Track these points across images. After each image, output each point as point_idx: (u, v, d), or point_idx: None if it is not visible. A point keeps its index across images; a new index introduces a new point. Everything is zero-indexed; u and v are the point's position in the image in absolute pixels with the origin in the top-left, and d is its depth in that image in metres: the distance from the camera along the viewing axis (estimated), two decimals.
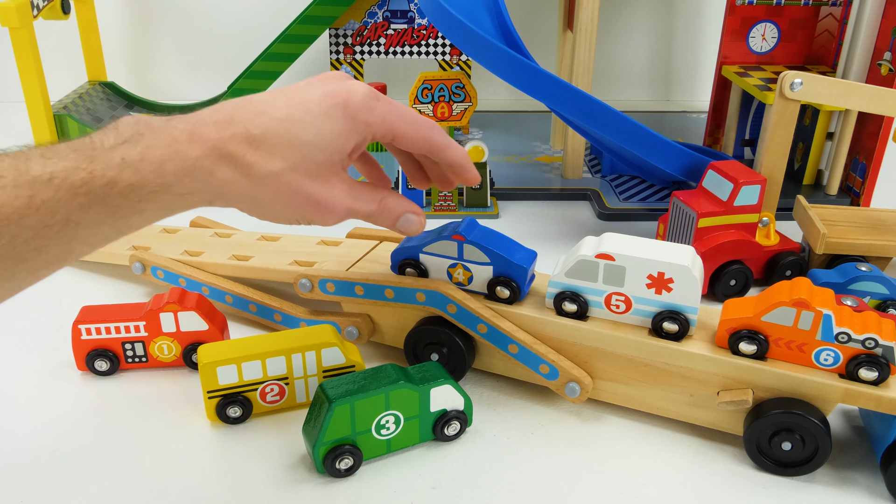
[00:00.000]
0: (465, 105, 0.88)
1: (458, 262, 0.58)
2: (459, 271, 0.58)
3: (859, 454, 0.55)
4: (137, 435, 0.56)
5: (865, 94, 0.72)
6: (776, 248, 0.76)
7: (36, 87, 1.02)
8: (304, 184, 0.45)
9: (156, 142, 0.40)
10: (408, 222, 0.51)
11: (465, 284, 0.59)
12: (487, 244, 0.57)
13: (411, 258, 0.60)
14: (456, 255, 0.58)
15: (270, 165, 0.43)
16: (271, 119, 0.44)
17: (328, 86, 0.46)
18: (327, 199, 0.46)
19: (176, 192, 0.41)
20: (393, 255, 0.61)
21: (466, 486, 0.51)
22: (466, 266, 0.58)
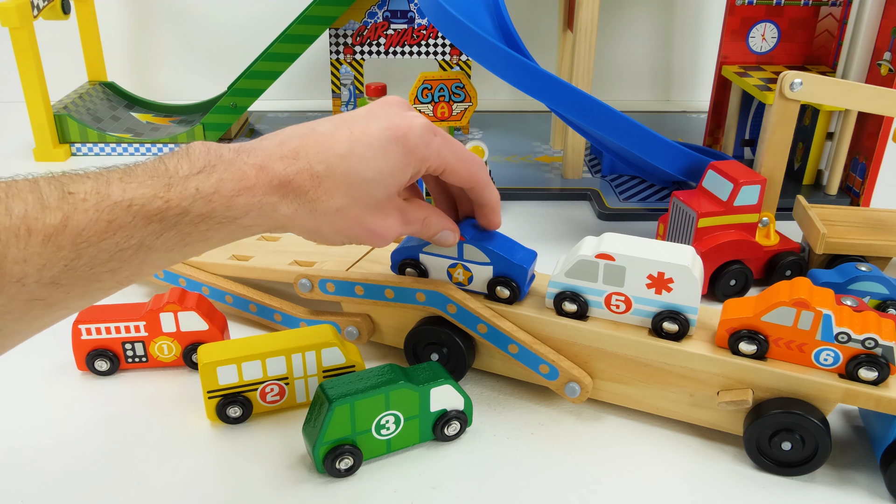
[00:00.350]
0: (465, 105, 0.88)
1: (458, 262, 0.58)
2: (459, 271, 0.59)
3: (859, 454, 0.55)
4: (137, 435, 0.56)
5: (865, 94, 0.72)
6: (776, 248, 0.76)
7: (36, 87, 1.02)
8: (364, 217, 0.48)
9: (228, 175, 0.42)
10: (444, 238, 0.55)
11: (465, 284, 0.59)
12: (487, 244, 0.57)
13: (411, 258, 0.60)
14: (456, 256, 0.58)
15: (333, 202, 0.46)
16: (334, 155, 0.46)
17: (389, 117, 0.48)
18: (383, 228, 0.49)
19: (242, 224, 0.43)
20: (393, 255, 0.61)
21: (466, 486, 0.51)
22: (466, 266, 0.58)
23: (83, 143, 1.09)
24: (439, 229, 0.54)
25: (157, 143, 1.10)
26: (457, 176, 0.52)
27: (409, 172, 0.49)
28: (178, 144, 1.11)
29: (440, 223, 0.54)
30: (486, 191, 0.55)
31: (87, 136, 1.09)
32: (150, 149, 1.10)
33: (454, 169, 0.51)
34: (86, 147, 1.10)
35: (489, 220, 0.57)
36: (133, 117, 1.19)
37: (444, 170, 0.51)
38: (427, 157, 0.49)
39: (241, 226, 0.43)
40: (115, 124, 1.15)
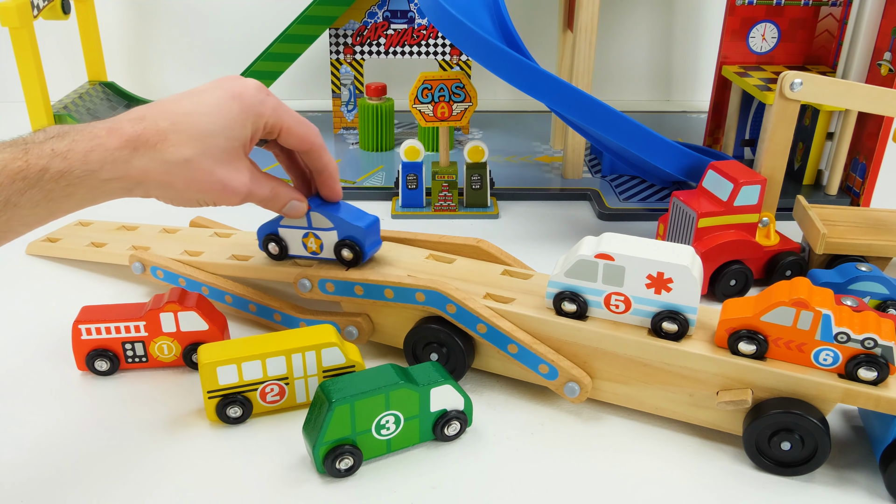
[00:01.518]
0: (465, 105, 0.88)
1: (309, 230, 0.63)
2: (311, 240, 0.63)
3: (859, 454, 0.55)
4: (137, 435, 0.56)
5: (865, 94, 0.72)
6: (776, 248, 0.76)
7: (36, 87, 1.02)
8: (213, 168, 0.52)
9: (80, 136, 0.48)
10: (293, 208, 0.60)
11: (318, 253, 0.64)
12: (331, 211, 0.62)
13: (272, 232, 0.65)
14: (306, 225, 0.63)
15: (181, 153, 0.50)
16: (178, 114, 0.51)
17: (224, 84, 0.54)
18: (233, 181, 0.54)
19: (99, 178, 0.48)
20: (258, 231, 0.65)
21: (466, 486, 0.51)
22: (316, 234, 0.63)
23: None
24: (287, 199, 0.59)
25: None
26: (294, 136, 0.57)
27: (248, 127, 0.54)
28: None
29: (289, 194, 0.59)
30: (324, 154, 0.60)
31: None
32: None
33: (290, 128, 0.56)
34: None
35: (331, 187, 0.62)
36: None
37: (282, 128, 0.56)
38: (262, 112, 0.54)
39: (99, 179, 0.48)
40: None
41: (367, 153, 1.11)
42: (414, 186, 0.92)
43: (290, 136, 0.57)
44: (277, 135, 0.57)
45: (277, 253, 0.65)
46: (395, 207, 0.93)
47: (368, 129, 1.10)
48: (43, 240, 0.81)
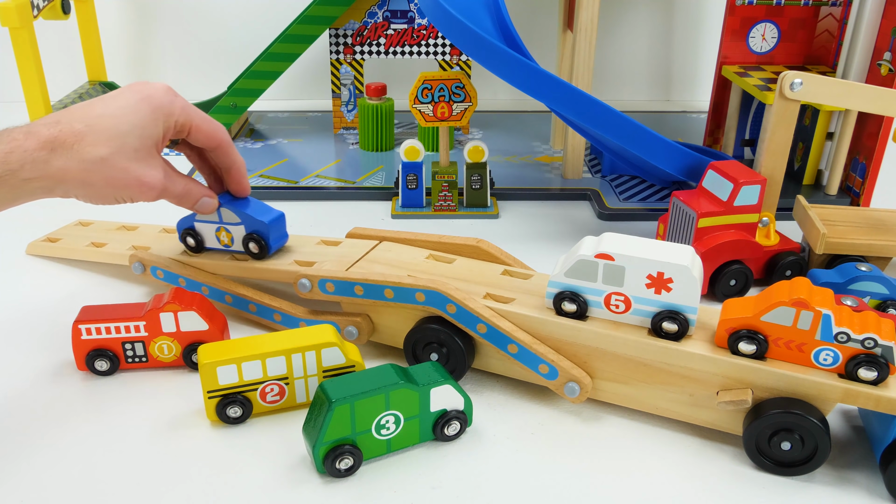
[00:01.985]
0: (465, 105, 0.88)
1: (221, 225, 0.68)
2: (223, 233, 0.68)
3: (859, 454, 0.55)
4: (137, 435, 0.56)
5: (865, 94, 0.72)
6: (776, 248, 0.76)
7: (36, 87, 1.02)
8: (128, 165, 0.55)
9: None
10: (204, 205, 0.64)
11: (230, 245, 0.68)
12: (238, 207, 0.66)
13: (190, 227, 0.69)
14: (218, 220, 0.67)
15: (98, 152, 0.54)
16: (92, 116, 0.55)
17: (134, 88, 0.58)
18: (148, 177, 0.57)
19: (20, 178, 0.51)
20: (178, 225, 0.70)
21: (466, 486, 0.51)
22: (227, 228, 0.67)
23: None
24: (199, 196, 0.63)
25: None
26: (203, 133, 0.61)
27: (159, 126, 0.57)
28: None
29: (200, 191, 0.63)
30: (231, 151, 0.64)
31: None
32: None
33: (199, 126, 0.60)
34: None
35: (239, 182, 0.66)
36: None
37: (191, 126, 0.60)
38: (172, 112, 0.58)
39: (20, 179, 0.51)
40: None
41: (367, 153, 1.11)
42: (414, 186, 0.92)
43: (198, 134, 0.61)
44: (187, 133, 0.61)
45: (195, 245, 0.70)
46: (395, 207, 0.93)
47: (368, 129, 1.10)
48: (43, 240, 0.81)
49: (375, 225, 0.90)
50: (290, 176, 1.02)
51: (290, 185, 0.99)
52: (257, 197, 0.97)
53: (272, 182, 0.99)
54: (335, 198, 0.98)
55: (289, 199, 0.97)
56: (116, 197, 0.57)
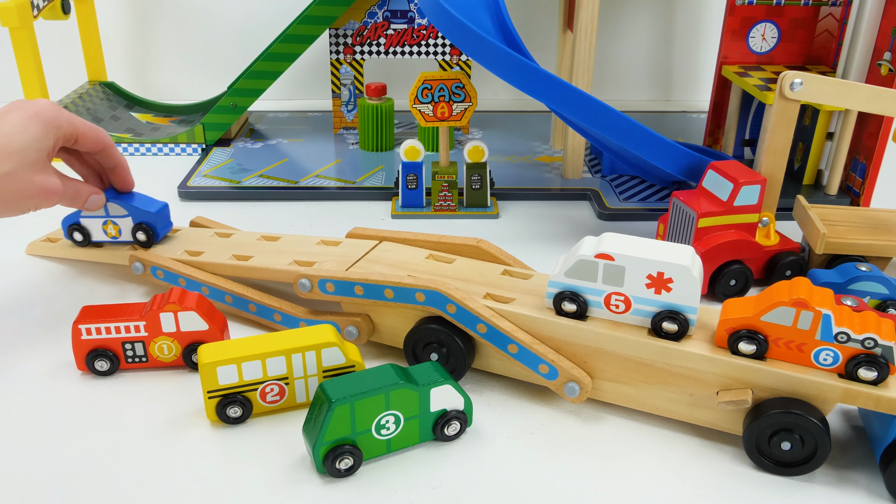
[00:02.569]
0: (465, 105, 0.88)
1: (108, 218, 0.72)
2: (110, 226, 0.72)
3: (859, 454, 0.55)
4: (137, 435, 0.56)
5: (865, 94, 0.72)
6: (776, 248, 0.76)
7: (36, 87, 1.02)
8: (31, 177, 0.61)
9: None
10: (94, 202, 0.69)
11: (117, 237, 0.73)
12: (125, 200, 0.72)
13: (75, 223, 0.74)
14: (104, 214, 0.72)
15: (2, 168, 0.60)
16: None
17: (21, 107, 0.63)
18: (50, 184, 0.63)
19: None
20: (63, 223, 0.74)
21: (466, 486, 0.51)
22: (114, 221, 0.72)
23: None
24: (88, 194, 0.68)
25: (156, 143, 1.10)
26: (89, 140, 0.66)
27: (51, 138, 0.63)
28: (178, 144, 1.11)
29: (88, 189, 0.69)
30: (115, 152, 0.70)
31: None
32: (149, 149, 1.11)
33: (85, 133, 0.66)
34: None
35: (123, 179, 0.72)
36: (133, 117, 1.19)
37: (77, 135, 0.65)
38: (60, 125, 0.63)
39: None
40: (115, 124, 1.15)
41: (367, 153, 1.11)
42: (414, 186, 0.92)
43: (85, 141, 0.66)
44: (74, 141, 0.66)
45: (82, 240, 0.74)
46: (395, 207, 0.93)
47: (368, 129, 1.10)
48: (43, 240, 0.81)
49: (375, 225, 0.90)
50: (290, 176, 1.02)
51: (290, 185, 0.99)
52: (258, 197, 0.98)
53: (272, 182, 0.99)
54: (335, 198, 0.98)
55: (289, 199, 0.97)
56: (24, 207, 0.62)
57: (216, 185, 0.98)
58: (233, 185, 0.98)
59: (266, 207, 0.95)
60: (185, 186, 0.98)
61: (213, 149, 1.11)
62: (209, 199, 0.97)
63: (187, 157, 1.11)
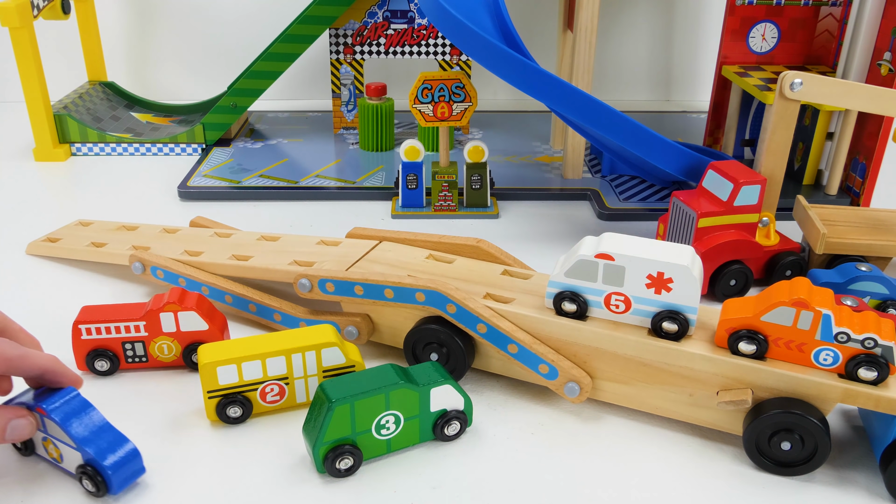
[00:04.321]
0: (465, 105, 0.88)
1: (48, 436, 0.50)
2: (50, 446, 0.51)
3: (858, 454, 0.55)
4: (137, 435, 0.56)
5: (865, 94, 0.72)
6: (776, 248, 0.76)
7: (36, 87, 1.02)
8: None
9: None
10: (16, 429, 0.49)
11: (59, 462, 0.51)
12: (70, 424, 0.49)
13: None
14: (41, 427, 0.50)
15: None
16: None
17: None
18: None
19: None
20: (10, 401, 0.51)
21: (466, 486, 0.51)
22: (55, 441, 0.50)
23: (83, 143, 1.10)
24: (5, 423, 0.48)
25: (156, 142, 1.10)
26: None
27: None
28: (177, 144, 1.11)
29: (6, 413, 0.48)
30: (26, 362, 0.49)
31: (87, 136, 1.09)
32: (149, 149, 1.11)
33: None
34: (86, 147, 1.10)
35: (59, 382, 0.50)
36: (133, 117, 1.19)
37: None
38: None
39: None
40: (115, 124, 1.15)
41: (367, 153, 1.11)
42: (414, 186, 0.92)
43: None
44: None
45: (23, 449, 0.53)
46: (395, 207, 0.93)
47: (368, 129, 1.10)
48: (43, 240, 0.81)
49: (375, 225, 0.90)
50: (290, 176, 1.02)
51: (290, 185, 0.99)
52: (258, 197, 0.97)
53: (272, 182, 0.99)
54: (335, 198, 0.98)
55: (289, 199, 0.97)
56: None
57: (216, 185, 0.98)
58: (233, 185, 0.98)
59: (266, 207, 0.95)
60: (185, 186, 0.98)
61: (213, 149, 1.11)
62: (209, 199, 0.97)
63: (187, 157, 1.11)
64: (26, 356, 0.49)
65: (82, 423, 0.49)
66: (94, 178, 1.03)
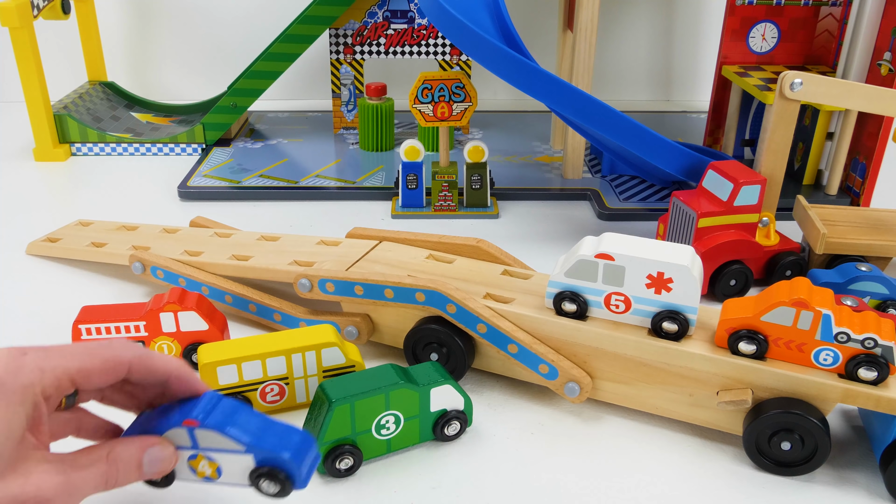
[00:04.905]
0: (465, 105, 0.88)
1: (199, 451, 0.43)
2: (202, 462, 0.43)
3: (858, 454, 0.55)
4: None
5: (865, 94, 0.72)
6: (776, 248, 0.76)
7: (36, 87, 1.02)
8: None
9: None
10: (155, 462, 0.41)
11: (213, 479, 0.44)
12: (226, 424, 0.42)
13: None
14: (191, 444, 0.43)
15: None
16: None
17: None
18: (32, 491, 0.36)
19: None
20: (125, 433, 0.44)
21: (466, 486, 0.51)
22: (209, 455, 0.43)
23: (83, 143, 1.10)
24: (137, 456, 0.40)
25: (157, 142, 1.10)
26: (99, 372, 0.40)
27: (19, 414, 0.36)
28: (177, 144, 1.11)
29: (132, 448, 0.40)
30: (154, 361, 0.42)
31: (87, 136, 1.09)
32: (149, 149, 1.11)
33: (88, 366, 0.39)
34: (86, 147, 1.10)
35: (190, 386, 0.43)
36: (133, 117, 1.19)
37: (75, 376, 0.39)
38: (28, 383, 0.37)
39: None
40: (115, 124, 1.15)
41: (367, 153, 1.11)
42: (414, 186, 0.92)
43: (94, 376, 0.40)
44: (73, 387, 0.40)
45: (162, 482, 0.44)
46: (395, 207, 0.93)
47: (368, 129, 1.10)
48: (43, 240, 0.81)
49: (375, 225, 0.90)
50: (290, 176, 1.02)
51: (290, 185, 0.99)
52: (258, 197, 0.97)
53: (272, 182, 0.99)
54: (335, 198, 0.98)
55: (289, 199, 0.97)
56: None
57: (216, 185, 0.98)
58: (233, 185, 0.98)
59: (266, 207, 0.95)
60: (185, 186, 0.98)
61: (213, 149, 1.11)
62: (209, 199, 0.97)
63: (187, 157, 1.11)
64: (152, 355, 0.42)
65: (244, 423, 0.43)
66: (94, 178, 1.03)
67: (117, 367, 0.41)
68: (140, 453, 0.40)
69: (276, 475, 0.42)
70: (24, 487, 0.36)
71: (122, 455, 0.40)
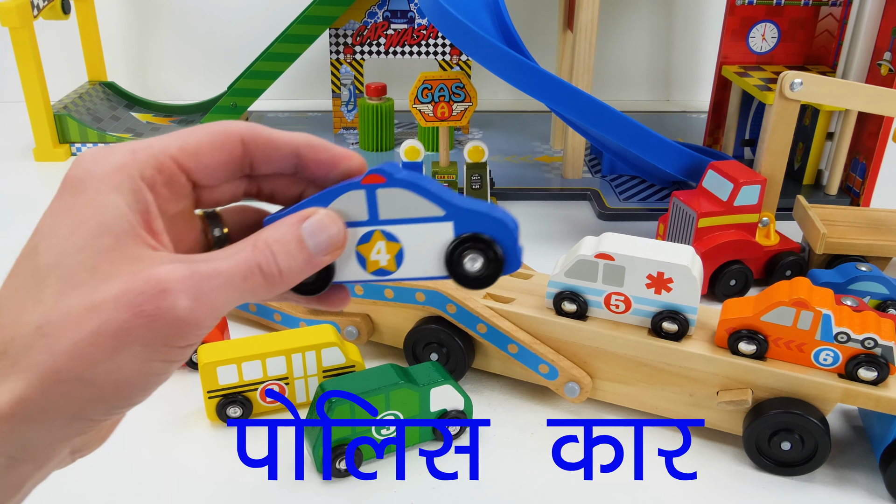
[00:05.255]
0: (465, 105, 0.88)
1: (375, 227, 0.31)
2: (380, 245, 0.31)
3: (858, 454, 0.55)
4: (137, 435, 0.56)
5: (865, 94, 0.72)
6: (776, 248, 0.76)
7: (36, 87, 1.02)
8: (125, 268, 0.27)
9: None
10: (319, 232, 0.30)
11: (391, 271, 0.32)
12: (423, 183, 0.30)
13: None
14: (367, 219, 0.31)
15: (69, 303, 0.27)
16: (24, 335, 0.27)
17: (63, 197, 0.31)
18: (143, 278, 0.27)
19: None
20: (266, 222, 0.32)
21: (466, 486, 0.51)
22: (388, 233, 0.31)
23: (83, 143, 1.09)
24: (293, 231, 0.30)
25: None
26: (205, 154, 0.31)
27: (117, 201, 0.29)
28: None
29: (282, 225, 0.30)
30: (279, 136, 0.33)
31: (87, 136, 1.09)
32: None
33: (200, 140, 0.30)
34: (86, 147, 1.10)
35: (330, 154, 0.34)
36: (133, 117, 1.19)
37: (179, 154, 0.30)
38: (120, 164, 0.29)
39: None
40: (115, 124, 1.15)
41: (367, 153, 1.11)
42: None
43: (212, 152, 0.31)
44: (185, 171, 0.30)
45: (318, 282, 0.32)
46: None
47: (368, 129, 1.10)
48: None
49: None
50: None
51: None
52: None
53: None
54: None
55: None
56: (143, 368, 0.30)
57: None
58: None
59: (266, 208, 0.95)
60: None
61: None
62: None
63: None
64: (270, 129, 0.32)
65: (437, 184, 0.31)
66: None
67: (227, 141, 0.31)
68: (296, 228, 0.30)
69: (486, 249, 0.30)
70: (135, 276, 0.27)
71: (272, 235, 0.29)
